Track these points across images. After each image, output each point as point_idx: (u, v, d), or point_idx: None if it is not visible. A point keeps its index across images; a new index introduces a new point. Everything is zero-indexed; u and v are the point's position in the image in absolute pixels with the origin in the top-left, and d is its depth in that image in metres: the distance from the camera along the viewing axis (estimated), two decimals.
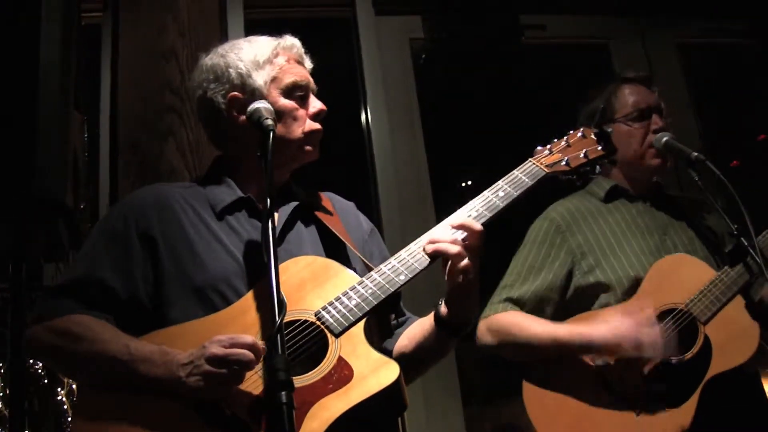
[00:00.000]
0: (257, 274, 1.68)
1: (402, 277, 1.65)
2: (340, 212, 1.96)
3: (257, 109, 1.71)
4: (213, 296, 1.67)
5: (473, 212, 1.72)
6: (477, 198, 1.76)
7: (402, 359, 1.73)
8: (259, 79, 1.84)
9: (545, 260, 2.41)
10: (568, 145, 1.90)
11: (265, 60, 1.85)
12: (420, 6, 3.56)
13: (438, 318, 1.71)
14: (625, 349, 2.12)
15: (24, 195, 2.12)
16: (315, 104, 1.88)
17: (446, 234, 1.67)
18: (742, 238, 2.20)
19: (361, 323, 1.60)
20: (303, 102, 1.87)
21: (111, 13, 3.19)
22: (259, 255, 1.68)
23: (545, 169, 1.83)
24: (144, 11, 3.11)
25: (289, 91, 1.84)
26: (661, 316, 2.21)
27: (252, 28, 3.35)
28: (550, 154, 1.88)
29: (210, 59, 1.91)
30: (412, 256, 1.68)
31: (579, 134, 1.93)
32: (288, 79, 1.85)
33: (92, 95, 3.22)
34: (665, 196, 2.53)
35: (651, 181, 2.52)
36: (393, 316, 1.85)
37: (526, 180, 1.80)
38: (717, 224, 2.47)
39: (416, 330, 1.79)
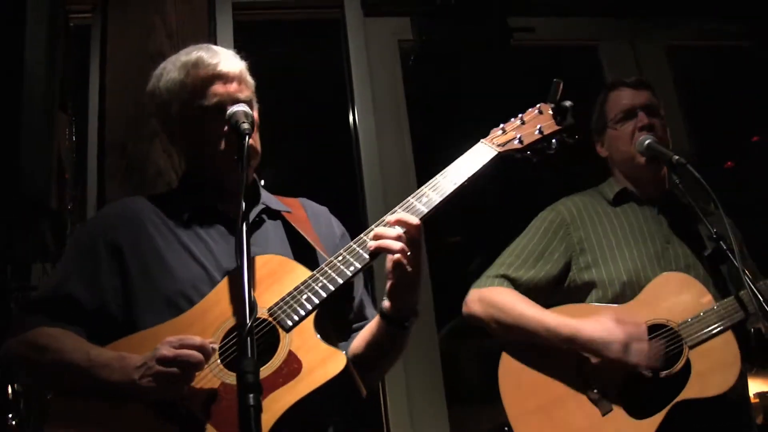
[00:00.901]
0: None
1: (352, 269, 1.65)
2: (312, 216, 1.98)
3: (235, 113, 1.75)
4: (182, 303, 1.71)
5: (423, 197, 1.71)
6: (427, 183, 1.74)
7: (357, 360, 1.75)
8: (173, 107, 1.85)
9: (545, 250, 2.45)
10: (523, 123, 1.84)
11: (175, 85, 1.84)
12: (409, 7, 3.55)
13: (383, 313, 1.72)
14: (612, 351, 2.15)
15: (8, 197, 2.14)
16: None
17: (389, 230, 1.65)
18: (721, 242, 2.21)
19: (312, 317, 1.62)
20: (221, 119, 1.79)
21: (100, 14, 3.21)
22: (225, 260, 1.75)
23: (497, 149, 1.78)
24: (132, 13, 3.13)
25: (201, 114, 1.81)
26: (651, 329, 2.24)
27: (241, 30, 3.37)
28: (503, 133, 1.82)
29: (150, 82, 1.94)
30: (363, 246, 1.68)
31: (535, 111, 1.85)
32: (195, 104, 1.82)
33: (82, 96, 3.24)
34: (678, 206, 2.49)
35: (661, 186, 2.49)
36: (352, 309, 1.89)
37: (477, 161, 1.76)
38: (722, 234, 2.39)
39: (367, 330, 1.81)
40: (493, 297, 2.38)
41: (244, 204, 1.55)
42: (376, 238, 1.65)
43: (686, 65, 4.05)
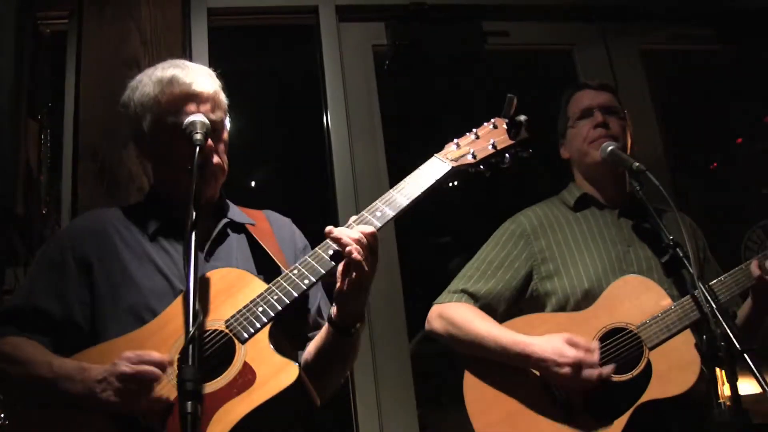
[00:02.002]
0: None
1: (306, 282, 1.69)
2: (276, 229, 2.01)
3: (192, 123, 1.79)
4: (145, 314, 1.74)
5: (377, 212, 1.74)
6: (381, 197, 1.77)
7: (308, 367, 1.79)
8: (145, 122, 1.88)
9: (505, 260, 2.47)
10: (477, 138, 1.87)
11: (149, 100, 1.87)
12: (383, 13, 3.56)
13: (330, 320, 1.76)
14: (561, 373, 2.16)
15: None
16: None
17: (352, 233, 1.67)
18: (678, 249, 2.23)
19: (267, 329, 1.66)
20: (190, 138, 1.80)
21: (76, 20, 3.24)
22: None
23: (451, 164, 1.81)
24: (107, 19, 3.16)
25: (172, 132, 1.83)
26: (611, 333, 2.26)
27: (216, 36, 3.38)
28: (457, 148, 1.85)
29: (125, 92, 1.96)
30: (317, 260, 1.71)
31: (490, 126, 1.89)
32: (167, 121, 1.85)
33: (58, 101, 3.26)
34: (639, 207, 2.46)
35: (621, 188, 2.50)
36: (307, 321, 1.92)
37: (431, 176, 1.79)
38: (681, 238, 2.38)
39: (318, 338, 1.84)
40: (451, 314, 2.40)
41: (194, 214, 1.60)
42: (338, 240, 1.67)
43: (670, 68, 4.07)
